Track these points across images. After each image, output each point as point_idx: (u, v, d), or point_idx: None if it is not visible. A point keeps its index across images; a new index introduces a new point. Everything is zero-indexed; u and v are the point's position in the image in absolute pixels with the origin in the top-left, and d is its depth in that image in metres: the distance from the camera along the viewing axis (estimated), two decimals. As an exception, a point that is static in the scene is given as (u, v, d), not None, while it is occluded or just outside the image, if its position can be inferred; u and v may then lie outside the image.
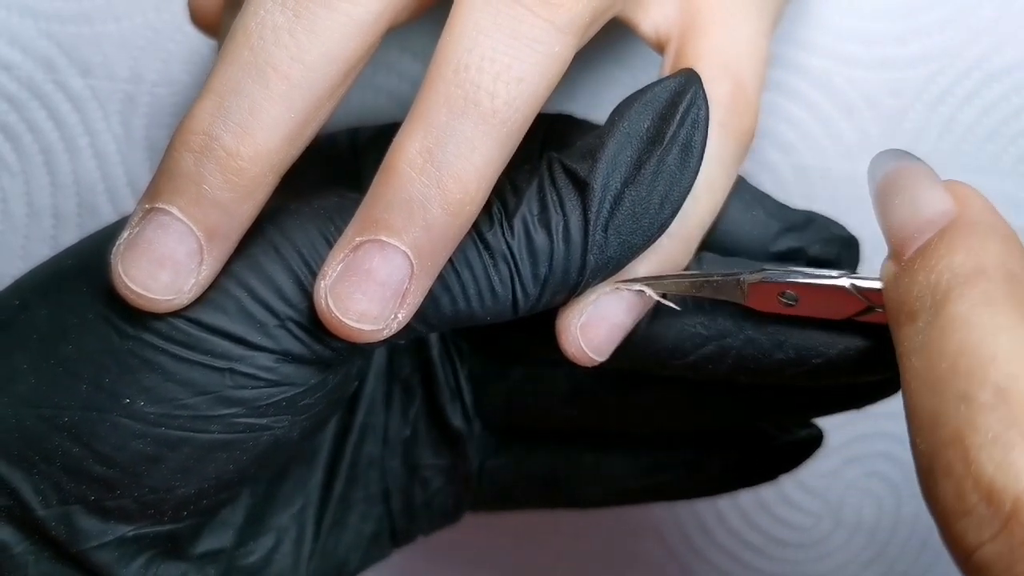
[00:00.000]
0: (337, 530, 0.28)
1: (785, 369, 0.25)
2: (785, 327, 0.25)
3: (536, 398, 0.30)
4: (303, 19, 0.21)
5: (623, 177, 0.23)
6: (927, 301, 0.20)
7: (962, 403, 0.18)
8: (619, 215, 0.23)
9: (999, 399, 0.18)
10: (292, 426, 0.23)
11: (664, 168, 0.23)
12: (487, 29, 0.21)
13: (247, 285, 0.22)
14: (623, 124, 0.23)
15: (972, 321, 0.19)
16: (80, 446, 0.22)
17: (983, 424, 0.18)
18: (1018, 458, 0.17)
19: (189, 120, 0.21)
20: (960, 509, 0.18)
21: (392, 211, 0.21)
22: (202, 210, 0.21)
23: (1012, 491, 0.17)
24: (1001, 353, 0.18)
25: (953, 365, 0.18)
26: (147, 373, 0.22)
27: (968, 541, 0.18)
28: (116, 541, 0.23)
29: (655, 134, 0.23)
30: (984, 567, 0.18)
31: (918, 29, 0.35)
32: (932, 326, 0.19)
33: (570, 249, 0.23)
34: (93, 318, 0.22)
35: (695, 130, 0.23)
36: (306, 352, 0.23)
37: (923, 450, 0.19)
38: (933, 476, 0.18)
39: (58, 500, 0.22)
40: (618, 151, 0.23)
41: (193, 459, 0.22)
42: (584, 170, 0.23)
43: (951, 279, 0.20)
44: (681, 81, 0.23)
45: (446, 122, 0.21)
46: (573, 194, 0.23)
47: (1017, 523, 0.17)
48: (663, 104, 0.23)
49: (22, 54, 0.34)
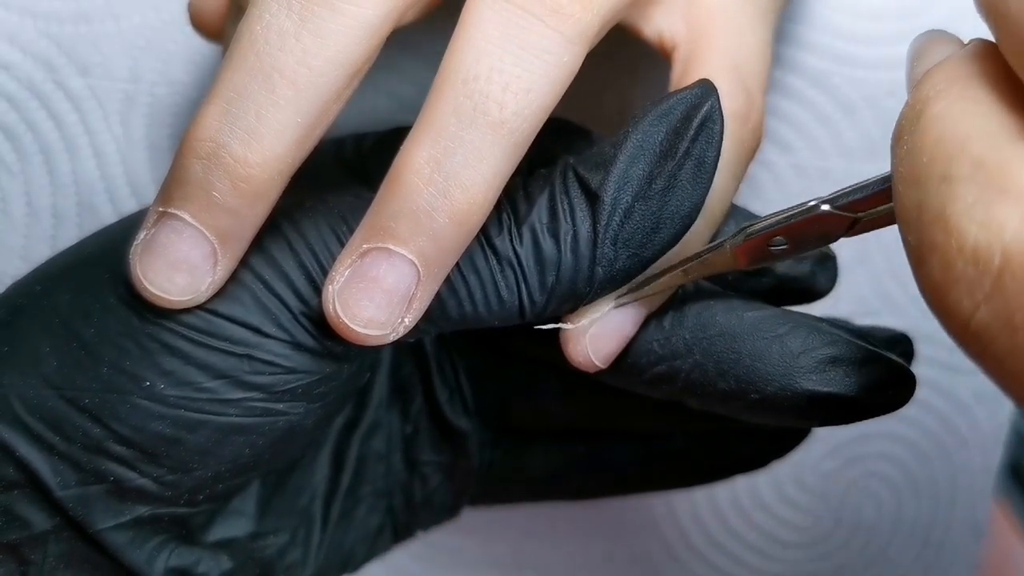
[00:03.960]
0: (344, 523, 0.29)
1: (728, 400, 0.24)
2: (738, 362, 0.24)
3: (532, 398, 0.30)
4: (309, 23, 0.21)
5: (635, 191, 0.23)
6: (912, 116, 0.19)
7: (942, 183, 0.17)
8: (629, 228, 0.23)
9: (976, 169, 0.17)
10: (307, 413, 0.24)
11: (676, 183, 0.23)
12: (496, 39, 0.21)
13: (262, 278, 0.23)
14: (636, 136, 0.23)
15: (949, 114, 0.18)
16: (101, 427, 0.22)
17: (962, 193, 0.17)
18: (999, 212, 0.16)
19: (196, 126, 0.21)
20: (949, 279, 0.17)
21: (399, 220, 0.21)
22: (213, 216, 0.21)
23: (997, 245, 0.16)
24: (975, 131, 0.17)
25: (932, 155, 0.18)
26: (167, 356, 0.22)
27: (962, 309, 0.17)
28: (132, 521, 0.23)
29: (668, 148, 0.23)
30: (982, 331, 0.17)
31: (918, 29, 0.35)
32: (914, 133, 0.18)
33: (578, 260, 0.23)
34: (115, 302, 0.23)
35: (709, 146, 0.23)
36: (318, 346, 0.23)
37: (911, 241, 0.18)
38: (921, 259, 0.18)
39: (77, 480, 0.23)
40: (630, 164, 0.23)
41: (211, 441, 0.23)
42: (596, 181, 0.23)
43: (930, 90, 0.19)
44: (697, 94, 0.23)
45: (454, 132, 0.21)
46: (584, 205, 0.23)
47: (1009, 275, 0.16)
48: (678, 118, 0.23)
49: (21, 54, 0.34)
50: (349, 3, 0.21)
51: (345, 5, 0.21)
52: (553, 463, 0.31)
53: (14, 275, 0.25)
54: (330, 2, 0.21)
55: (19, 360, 0.23)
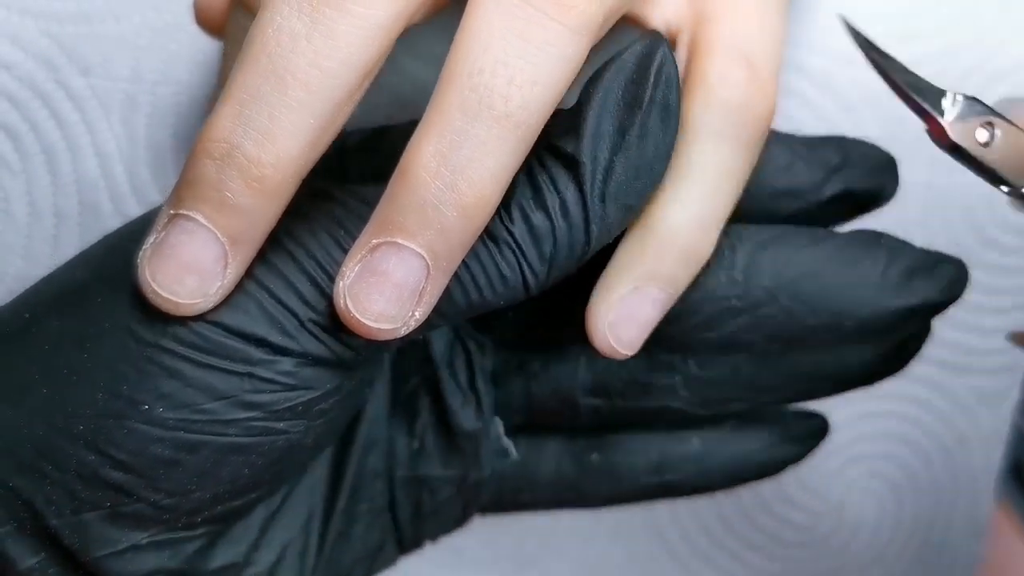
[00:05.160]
0: (341, 542, 0.28)
1: (819, 334, 0.25)
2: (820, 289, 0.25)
3: (557, 388, 0.30)
4: (320, 25, 0.21)
5: (610, 146, 0.23)
6: None
7: None
8: (613, 183, 0.23)
9: None
10: (307, 431, 0.24)
11: (647, 131, 0.23)
12: (500, 32, 0.21)
13: (267, 287, 0.22)
14: (599, 95, 0.23)
15: None
16: (95, 453, 0.22)
17: None
18: None
19: (210, 128, 0.21)
20: None
21: (407, 214, 0.21)
22: (225, 217, 0.21)
23: None
24: None
25: None
26: (166, 379, 0.22)
27: None
28: (130, 549, 0.23)
29: (632, 99, 0.23)
30: None
31: (919, 30, 0.36)
32: None
33: (571, 224, 0.23)
34: (110, 327, 0.23)
35: (670, 89, 0.23)
36: (326, 353, 0.23)
37: None
38: None
39: (71, 509, 0.22)
40: (599, 122, 0.23)
41: (210, 462, 0.23)
42: (570, 145, 0.23)
43: None
44: (647, 45, 0.24)
45: (460, 126, 0.21)
46: (563, 172, 0.23)
47: None
48: (633, 69, 0.23)
49: (23, 53, 0.34)
50: (359, 5, 0.21)
51: (355, 7, 0.21)
52: (565, 471, 0.31)
53: (15, 275, 0.25)
54: (341, 4, 0.21)
55: (7, 390, 0.23)
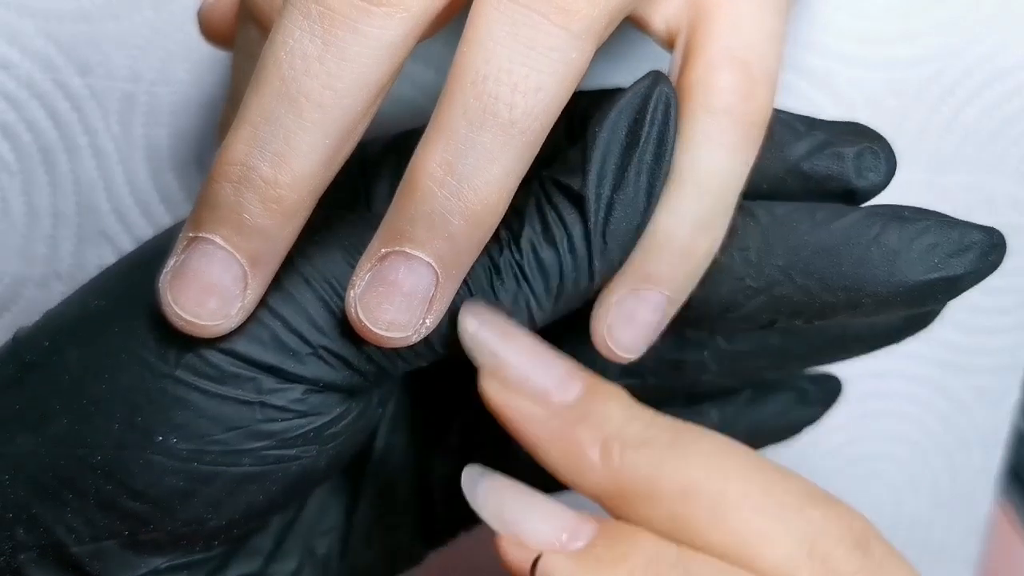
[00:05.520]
0: (363, 548, 0.29)
1: (837, 310, 0.25)
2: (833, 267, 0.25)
3: None
4: (332, 47, 0.21)
5: (612, 184, 0.24)
6: None
7: None
8: (613, 219, 0.24)
9: None
10: (319, 455, 0.24)
11: (643, 167, 0.24)
12: (503, 39, 0.21)
13: (281, 316, 0.23)
14: (604, 134, 0.24)
15: None
16: (114, 483, 0.22)
17: None
18: None
19: (226, 151, 0.21)
20: None
21: (415, 224, 0.21)
22: (244, 238, 0.21)
23: None
24: None
25: None
26: (179, 410, 0.22)
27: None
28: (149, 574, 0.24)
29: (632, 139, 0.24)
30: None
31: (920, 29, 0.35)
32: None
33: (577, 260, 0.24)
34: (126, 358, 0.23)
35: (665, 128, 0.24)
36: (336, 378, 0.23)
37: None
38: None
39: (91, 536, 0.23)
40: (604, 161, 0.24)
41: (225, 492, 0.23)
42: (576, 184, 0.24)
43: None
44: (648, 84, 0.24)
45: (465, 134, 0.21)
46: (570, 208, 0.24)
47: None
48: (636, 109, 0.24)
49: (20, 53, 0.34)
50: (371, 25, 0.21)
51: (367, 28, 0.21)
52: None
53: (14, 275, 0.25)
54: (353, 25, 0.21)
55: (30, 418, 0.23)
